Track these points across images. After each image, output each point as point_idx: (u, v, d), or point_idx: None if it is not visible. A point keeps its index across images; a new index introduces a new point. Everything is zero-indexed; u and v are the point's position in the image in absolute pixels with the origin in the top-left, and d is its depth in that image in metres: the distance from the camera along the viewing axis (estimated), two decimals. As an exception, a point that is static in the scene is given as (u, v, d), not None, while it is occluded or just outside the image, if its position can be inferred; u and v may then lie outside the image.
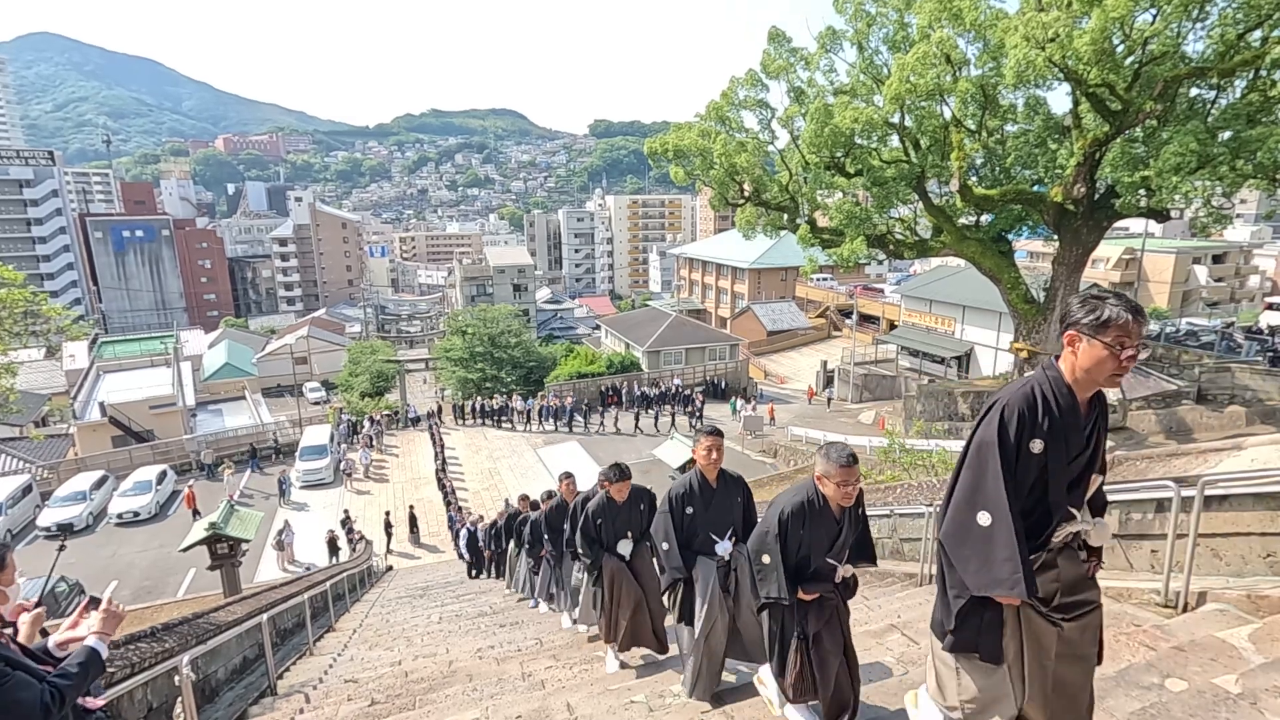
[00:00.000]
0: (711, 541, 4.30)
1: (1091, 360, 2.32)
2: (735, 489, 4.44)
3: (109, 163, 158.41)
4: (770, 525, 3.48)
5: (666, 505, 4.41)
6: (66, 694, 2.31)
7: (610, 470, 5.37)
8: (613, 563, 5.38)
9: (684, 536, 4.35)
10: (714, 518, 4.32)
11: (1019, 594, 2.31)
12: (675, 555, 4.32)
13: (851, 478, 3.29)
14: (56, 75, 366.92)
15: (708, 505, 4.33)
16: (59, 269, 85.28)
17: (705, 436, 4.25)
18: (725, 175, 26.54)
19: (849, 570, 3.55)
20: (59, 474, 28.66)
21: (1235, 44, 19.12)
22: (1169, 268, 51.32)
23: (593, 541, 5.46)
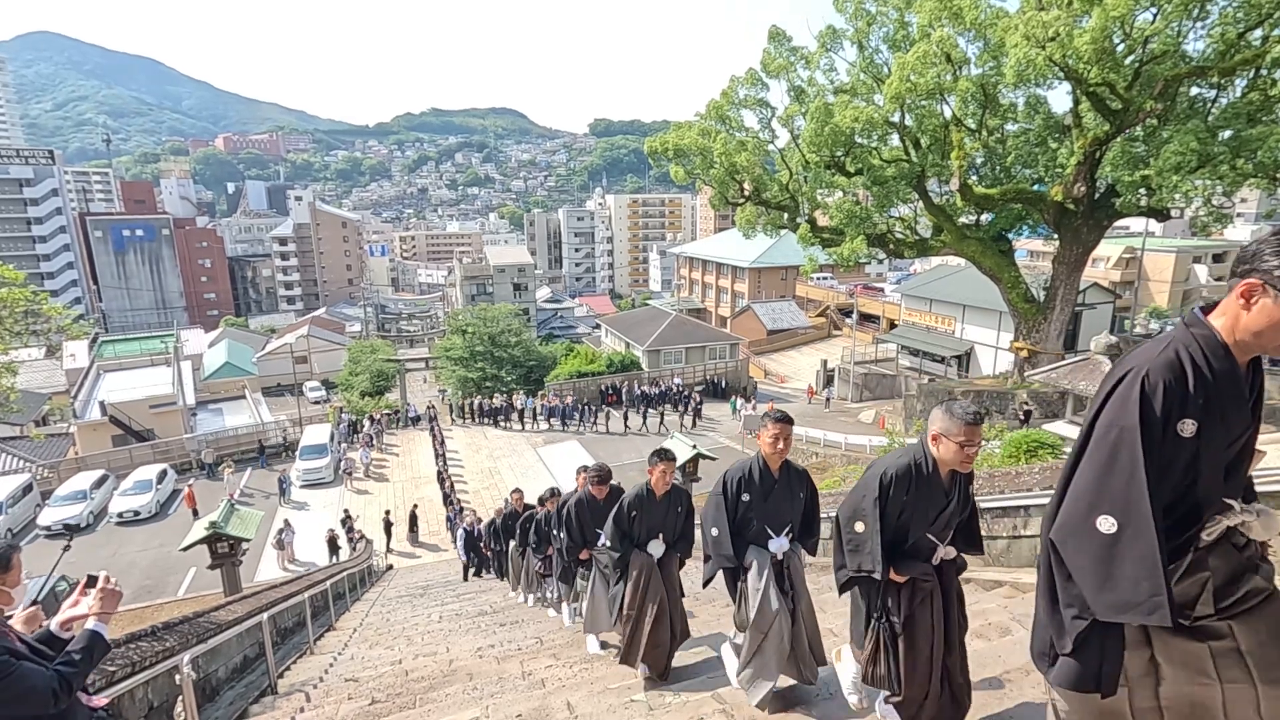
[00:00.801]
0: (766, 535, 3.93)
1: (1269, 321, 1.76)
2: (799, 483, 4.05)
3: (109, 162, 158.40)
4: (869, 488, 3.10)
5: (720, 488, 3.98)
6: (73, 679, 2.33)
7: (654, 454, 4.89)
8: (642, 559, 4.95)
9: (735, 525, 3.95)
10: (771, 510, 3.93)
11: (1159, 620, 1.75)
12: (726, 541, 3.91)
13: (975, 438, 2.89)
14: (56, 74, 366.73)
15: (766, 495, 3.93)
16: (59, 268, 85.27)
17: (773, 423, 3.83)
18: (725, 174, 26.55)
19: (950, 552, 3.17)
20: (59, 473, 28.66)
21: (1235, 43, 19.12)
22: (1169, 267, 51.30)
23: (624, 535, 4.99)
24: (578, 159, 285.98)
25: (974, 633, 4.75)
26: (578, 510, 5.94)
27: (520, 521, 10.20)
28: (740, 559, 3.91)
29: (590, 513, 5.89)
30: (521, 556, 10.39)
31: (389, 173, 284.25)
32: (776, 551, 3.91)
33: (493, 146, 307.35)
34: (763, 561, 3.88)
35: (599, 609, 5.75)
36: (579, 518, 5.93)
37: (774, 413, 3.90)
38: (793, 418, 4.04)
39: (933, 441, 3.00)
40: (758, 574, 3.85)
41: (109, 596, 2.58)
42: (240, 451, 32.03)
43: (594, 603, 5.82)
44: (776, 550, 3.91)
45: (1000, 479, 7.85)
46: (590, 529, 5.83)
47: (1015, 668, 3.82)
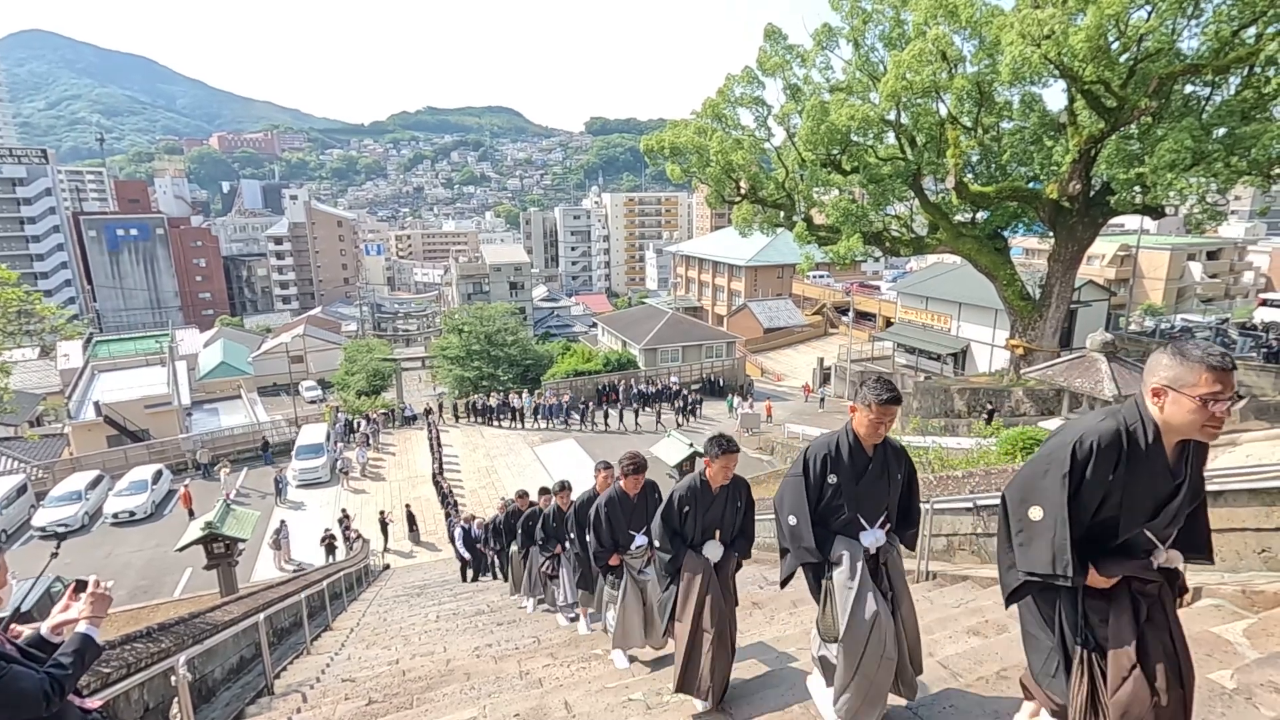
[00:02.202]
0: (858, 526, 3.29)
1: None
2: (897, 464, 3.37)
3: (103, 161, 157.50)
4: (1054, 460, 2.32)
5: (799, 469, 3.32)
6: (65, 682, 2.32)
7: (713, 444, 4.14)
8: (698, 564, 4.16)
9: (819, 513, 3.32)
10: (864, 495, 3.29)
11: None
12: (806, 532, 3.24)
13: (1228, 388, 2.10)
14: (49, 73, 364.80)
15: (858, 478, 3.27)
16: (53, 268, 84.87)
17: (878, 405, 3.18)
18: (722, 173, 26.54)
19: (1175, 557, 2.40)
20: (54, 474, 28.54)
21: (1229, 41, 19.17)
22: (1164, 264, 51.48)
23: (675, 534, 4.20)
24: (574, 157, 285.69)
25: (971, 629, 4.76)
26: (608, 509, 5.18)
27: (523, 520, 9.55)
28: (825, 553, 3.28)
29: (622, 510, 5.16)
30: (523, 558, 9.80)
31: (384, 171, 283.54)
32: (870, 545, 3.28)
33: (488, 145, 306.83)
34: (854, 555, 3.24)
35: (631, 621, 5.13)
36: (609, 517, 5.16)
37: (876, 385, 3.22)
38: (902, 398, 3.65)
39: (1153, 398, 2.24)
40: (849, 571, 3.22)
41: (99, 600, 2.57)
42: (238, 451, 31.97)
43: (625, 615, 5.14)
44: (870, 544, 3.28)
45: (996, 476, 7.87)
46: (622, 530, 5.13)
47: (1013, 664, 3.83)
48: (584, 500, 6.31)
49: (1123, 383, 15.67)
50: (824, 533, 3.29)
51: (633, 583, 5.17)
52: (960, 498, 7.39)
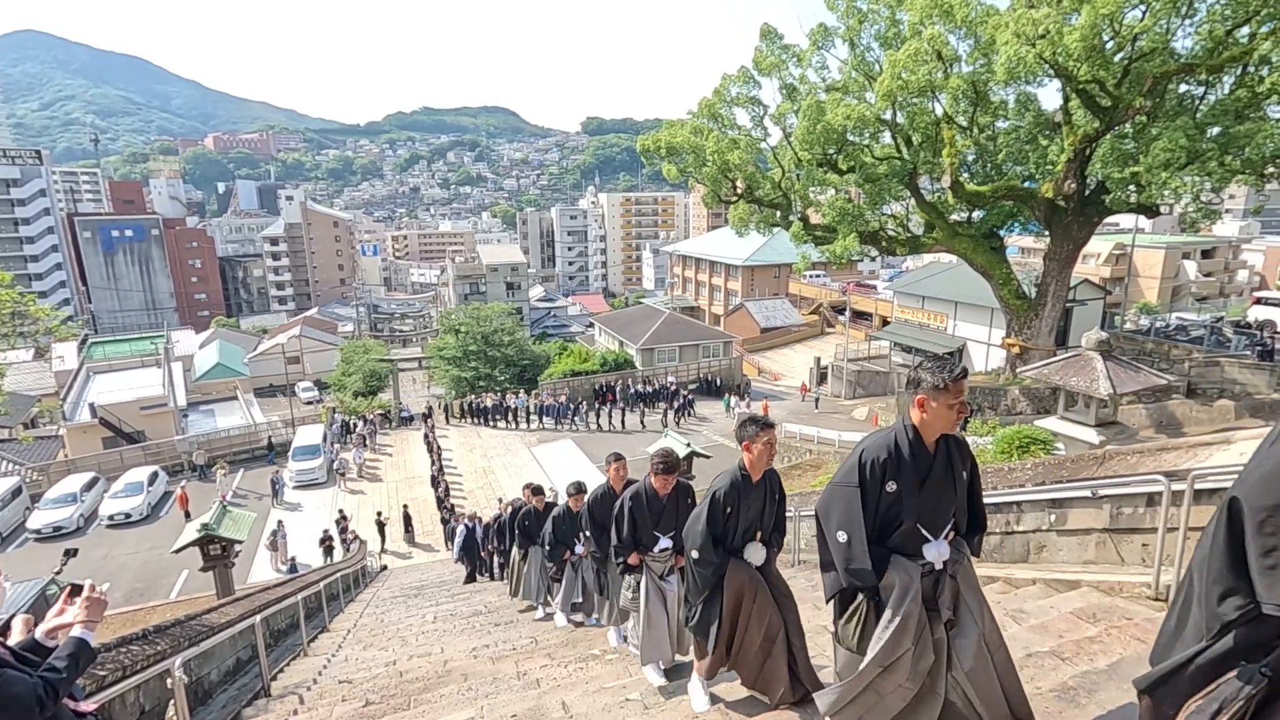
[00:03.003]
0: (918, 538, 2.87)
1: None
2: (961, 460, 2.95)
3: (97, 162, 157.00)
4: None
5: (853, 477, 2.87)
6: (59, 686, 2.31)
7: (751, 423, 3.79)
8: (743, 572, 3.78)
9: (876, 526, 2.88)
10: (928, 502, 2.86)
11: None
12: (862, 552, 2.80)
13: None
14: (43, 74, 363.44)
15: (920, 483, 2.85)
16: (47, 269, 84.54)
17: (954, 384, 2.77)
18: (718, 172, 26.55)
19: None
20: (49, 476, 28.44)
21: (1223, 40, 19.24)
22: (1159, 263, 51.67)
23: (717, 540, 3.78)
24: (570, 157, 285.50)
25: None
26: (634, 507, 4.79)
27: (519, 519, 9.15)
28: (880, 574, 2.84)
29: (650, 510, 4.78)
30: (524, 561, 9.36)
31: (381, 172, 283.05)
32: (935, 560, 2.87)
33: (485, 145, 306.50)
34: (906, 585, 2.82)
35: (658, 633, 4.74)
36: (635, 515, 4.78)
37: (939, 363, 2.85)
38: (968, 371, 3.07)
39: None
40: (896, 603, 2.81)
41: (94, 605, 2.56)
42: (235, 452, 31.87)
43: (650, 625, 4.75)
44: (935, 558, 2.87)
45: (993, 475, 7.89)
46: (647, 530, 4.79)
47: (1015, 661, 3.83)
48: (599, 496, 5.98)
49: (1118, 381, 15.71)
50: (879, 550, 2.85)
51: (654, 588, 4.81)
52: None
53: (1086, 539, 5.74)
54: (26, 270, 79.81)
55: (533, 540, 8.97)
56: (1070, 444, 15.72)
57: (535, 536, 8.81)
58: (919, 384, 2.84)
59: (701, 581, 3.82)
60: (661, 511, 4.76)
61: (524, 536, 9.16)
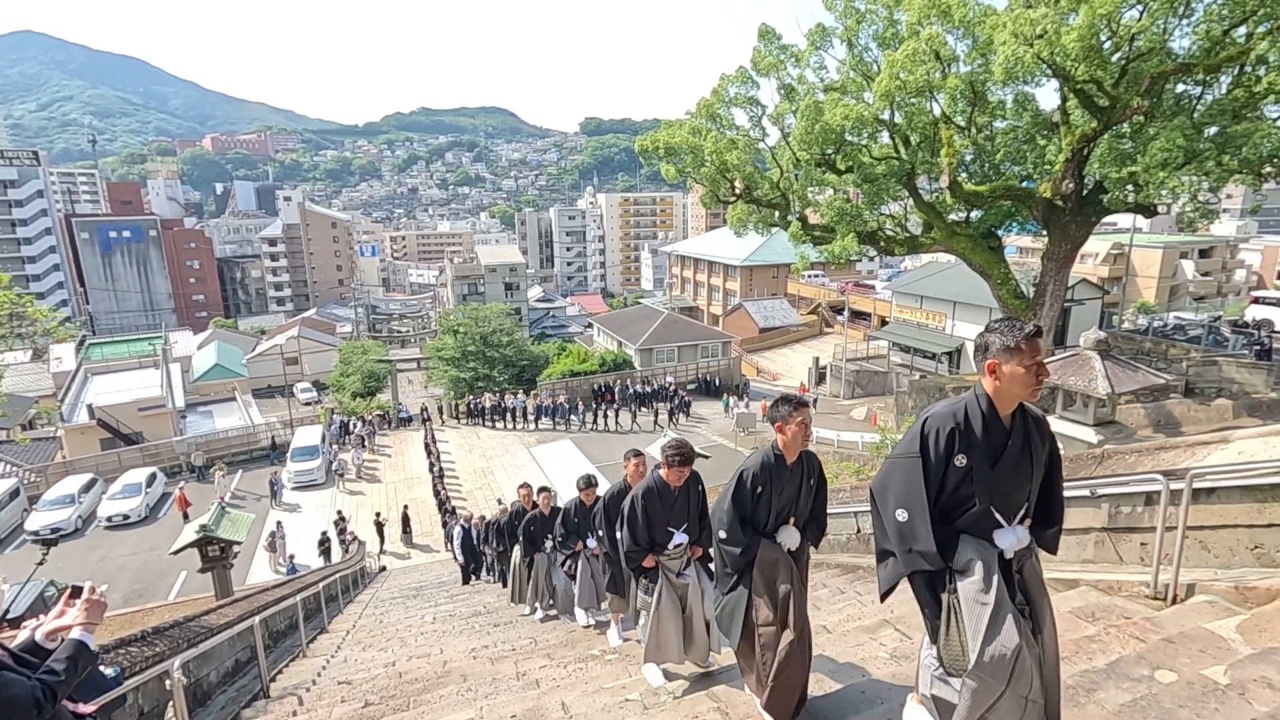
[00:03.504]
0: (991, 522, 2.54)
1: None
2: (1040, 440, 2.63)
3: (95, 163, 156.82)
4: None
5: (914, 446, 2.58)
6: (58, 689, 2.30)
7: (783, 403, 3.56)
8: (774, 551, 3.54)
9: (941, 507, 2.58)
10: (1002, 482, 2.53)
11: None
12: (923, 531, 2.51)
13: None
14: (40, 74, 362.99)
15: (994, 459, 2.52)
16: (45, 270, 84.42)
17: (1028, 342, 2.49)
18: (716, 173, 26.55)
19: None
20: (47, 477, 28.38)
21: (1220, 40, 19.28)
22: (1156, 262, 51.75)
23: (745, 521, 3.55)
24: (569, 158, 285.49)
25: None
26: (645, 502, 4.52)
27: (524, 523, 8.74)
28: (948, 558, 2.55)
29: (662, 504, 4.52)
30: (526, 563, 9.00)
31: (379, 172, 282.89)
32: (1008, 549, 2.53)
33: (483, 146, 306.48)
34: (988, 562, 2.50)
35: (666, 633, 4.50)
36: (647, 510, 4.51)
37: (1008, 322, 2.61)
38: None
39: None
40: (981, 582, 2.47)
41: (94, 607, 2.55)
42: (233, 453, 31.82)
43: (659, 624, 4.50)
44: (1008, 546, 2.53)
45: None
46: (661, 526, 4.54)
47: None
48: (615, 493, 5.80)
49: (1116, 380, 15.74)
50: (945, 532, 2.54)
51: (669, 587, 4.55)
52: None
53: (1085, 538, 5.75)
54: (24, 271, 79.72)
55: (538, 546, 8.53)
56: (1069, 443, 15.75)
57: (540, 542, 8.45)
58: (987, 348, 2.58)
59: (730, 564, 3.58)
60: (674, 505, 4.54)
61: (528, 543, 8.70)
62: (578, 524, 7.36)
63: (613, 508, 5.67)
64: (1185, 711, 2.96)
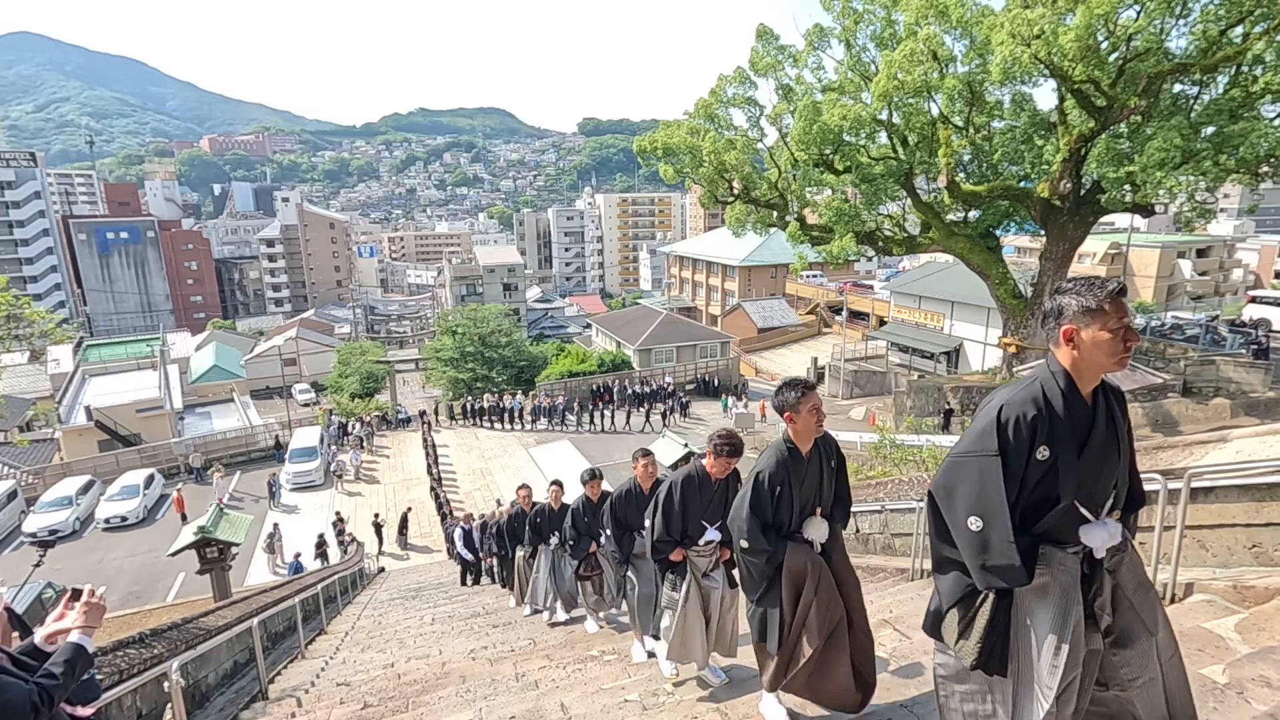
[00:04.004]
0: (1076, 519, 2.17)
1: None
2: (1123, 412, 2.30)
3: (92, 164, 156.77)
4: None
5: (991, 442, 2.16)
6: (55, 692, 2.30)
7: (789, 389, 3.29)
8: (802, 554, 3.30)
9: (1024, 503, 2.19)
10: (1089, 471, 2.18)
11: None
12: (1004, 543, 2.11)
13: None
14: (37, 75, 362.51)
15: (1082, 444, 2.16)
16: (42, 271, 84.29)
17: (1112, 302, 2.13)
18: (714, 173, 26.57)
19: None
20: (44, 479, 28.32)
21: (1217, 40, 19.31)
22: (1154, 262, 51.84)
23: (766, 525, 3.31)
24: (567, 158, 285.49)
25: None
26: (684, 490, 4.21)
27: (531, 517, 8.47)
28: (1030, 573, 2.14)
29: (700, 496, 4.22)
30: (529, 563, 8.73)
31: (377, 173, 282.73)
32: (1098, 547, 2.17)
33: (481, 146, 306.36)
34: (1069, 584, 2.16)
35: (691, 632, 4.25)
36: (685, 500, 4.21)
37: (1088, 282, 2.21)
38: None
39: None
40: (1061, 613, 2.14)
41: (93, 610, 2.55)
42: (231, 455, 31.77)
43: (685, 623, 4.25)
44: (1100, 544, 2.17)
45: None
46: (696, 518, 4.22)
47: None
48: (623, 493, 5.51)
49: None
50: (1026, 542, 2.15)
51: (696, 586, 4.27)
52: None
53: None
54: (21, 273, 79.63)
55: (544, 539, 8.27)
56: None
57: (546, 536, 8.19)
58: (1061, 313, 2.19)
59: (756, 574, 3.35)
60: (712, 498, 4.21)
61: (535, 534, 8.39)
62: (588, 523, 6.96)
63: (620, 508, 5.45)
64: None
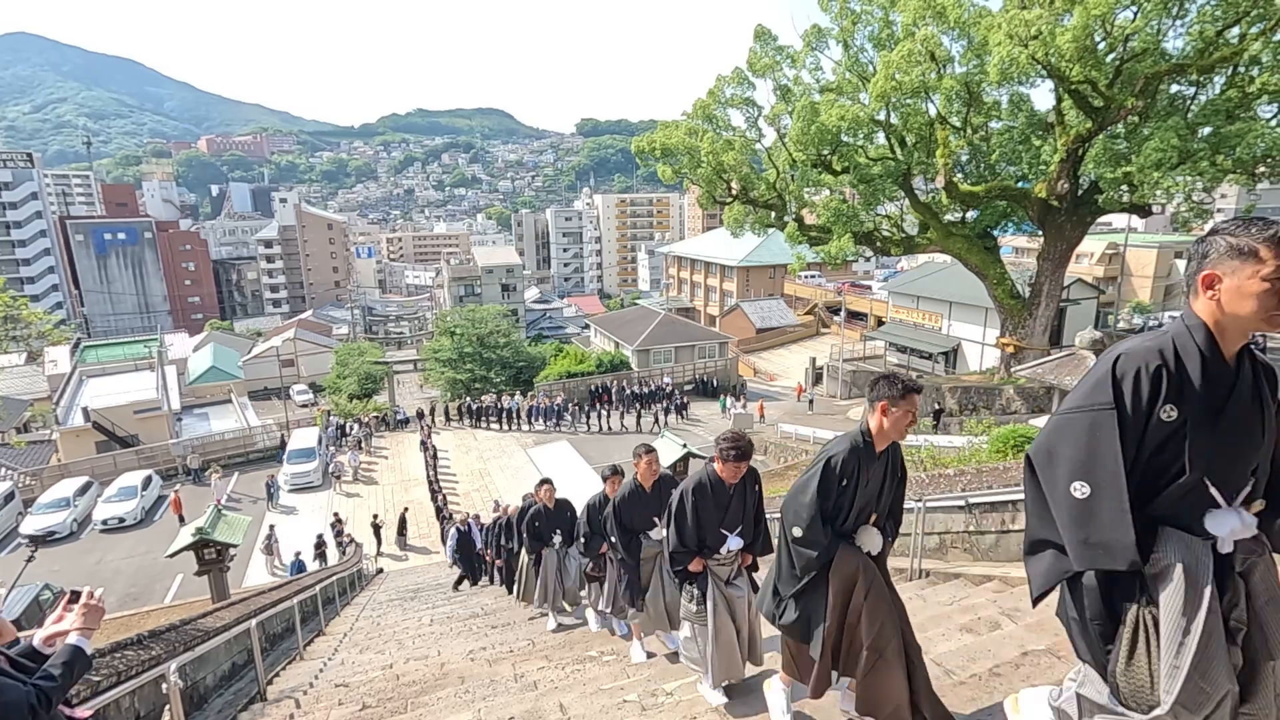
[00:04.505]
0: (1204, 501, 1.88)
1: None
2: (1273, 390, 1.93)
3: (89, 165, 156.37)
4: None
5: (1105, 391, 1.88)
6: (52, 695, 2.30)
7: (887, 384, 2.98)
8: (855, 556, 3.06)
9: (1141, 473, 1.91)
10: (1227, 445, 1.85)
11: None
12: (1117, 514, 1.84)
13: None
14: (34, 76, 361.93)
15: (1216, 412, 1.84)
16: (40, 272, 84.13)
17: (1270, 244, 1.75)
18: (713, 173, 26.61)
19: None
20: (42, 480, 28.26)
21: (1214, 41, 19.38)
22: (1151, 262, 51.97)
23: (826, 521, 3.04)
24: (565, 159, 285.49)
25: (964, 627, 4.79)
26: (696, 499, 3.94)
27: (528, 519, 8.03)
28: (1144, 555, 1.87)
29: (715, 503, 3.96)
30: (536, 565, 8.24)
31: (375, 174, 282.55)
32: (1225, 538, 1.86)
33: (479, 147, 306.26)
34: (1192, 566, 1.85)
35: (728, 648, 3.95)
36: (697, 510, 3.95)
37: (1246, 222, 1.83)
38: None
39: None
40: (1184, 593, 1.84)
41: (92, 612, 2.55)
42: (240, 454, 31.71)
43: (719, 640, 3.94)
44: (1226, 535, 1.86)
45: (988, 474, 7.92)
46: (713, 528, 3.97)
47: (1005, 661, 3.85)
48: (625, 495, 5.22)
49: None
50: (1139, 518, 1.85)
51: (721, 596, 3.98)
52: (952, 496, 7.43)
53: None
54: (19, 274, 79.48)
55: (544, 542, 7.97)
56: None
57: (547, 538, 7.95)
58: (1206, 255, 1.87)
59: (800, 569, 3.06)
60: (728, 504, 3.94)
61: (533, 539, 8.08)
62: (603, 522, 6.31)
63: (624, 511, 5.20)
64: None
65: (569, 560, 7.83)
